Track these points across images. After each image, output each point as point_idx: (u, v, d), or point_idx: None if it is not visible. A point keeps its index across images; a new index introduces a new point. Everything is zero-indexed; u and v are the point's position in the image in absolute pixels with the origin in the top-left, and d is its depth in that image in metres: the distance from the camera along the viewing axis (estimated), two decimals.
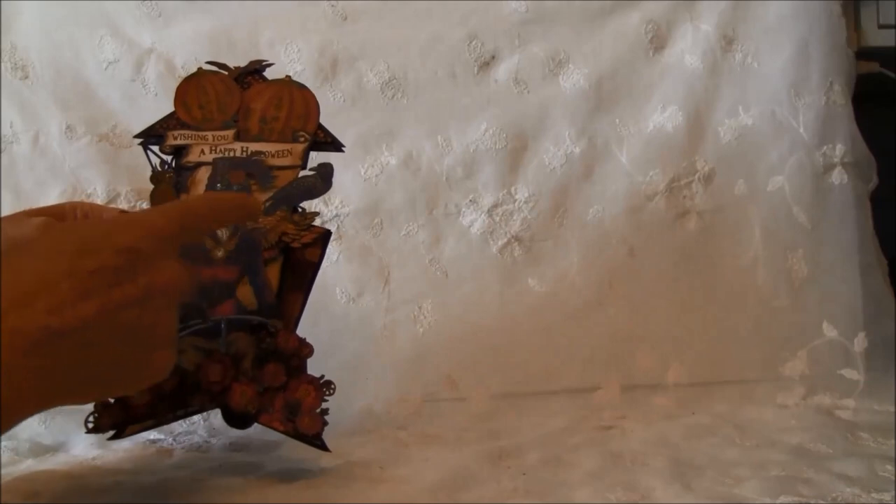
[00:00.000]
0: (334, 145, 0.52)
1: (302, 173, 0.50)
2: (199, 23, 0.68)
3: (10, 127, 0.67)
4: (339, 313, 0.63)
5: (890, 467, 0.46)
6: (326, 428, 0.45)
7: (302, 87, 0.53)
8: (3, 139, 0.67)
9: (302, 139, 0.51)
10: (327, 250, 0.49)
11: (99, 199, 0.66)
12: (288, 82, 0.53)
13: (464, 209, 0.66)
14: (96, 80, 0.68)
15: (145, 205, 0.67)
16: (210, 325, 0.46)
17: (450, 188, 0.66)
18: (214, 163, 0.50)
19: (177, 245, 0.37)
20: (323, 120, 0.54)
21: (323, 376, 0.46)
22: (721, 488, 0.44)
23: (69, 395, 0.34)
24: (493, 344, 0.64)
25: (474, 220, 0.66)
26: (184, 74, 0.67)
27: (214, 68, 0.53)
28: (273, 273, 0.47)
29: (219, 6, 0.68)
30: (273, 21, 0.68)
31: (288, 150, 0.50)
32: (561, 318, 0.65)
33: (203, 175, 0.50)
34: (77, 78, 0.68)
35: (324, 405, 0.45)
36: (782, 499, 0.41)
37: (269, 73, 0.55)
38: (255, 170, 0.50)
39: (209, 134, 0.51)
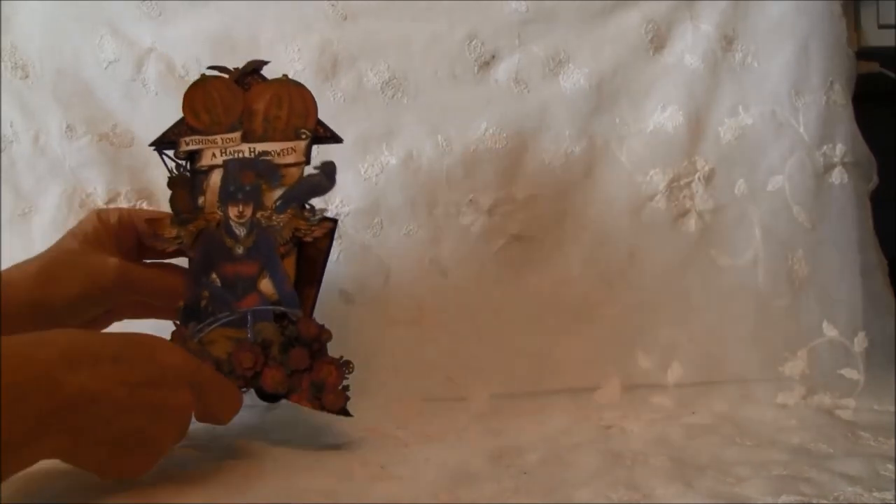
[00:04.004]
0: (334, 139, 0.54)
1: (307, 170, 0.53)
2: (200, 22, 0.68)
3: (11, 126, 0.67)
4: (339, 313, 0.63)
5: (891, 466, 0.46)
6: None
7: (299, 85, 0.54)
8: (3, 139, 0.67)
9: (304, 136, 0.53)
10: None
11: (99, 199, 0.67)
12: (286, 81, 0.55)
13: (464, 209, 0.66)
14: (96, 80, 0.68)
15: (145, 204, 0.67)
16: (237, 317, 0.51)
17: (450, 188, 0.66)
18: (225, 164, 0.53)
19: (189, 383, 0.43)
20: (323, 119, 0.54)
21: (342, 357, 0.50)
22: (722, 487, 0.44)
23: (71, 454, 0.39)
24: (493, 344, 0.64)
25: (474, 220, 0.66)
26: (184, 74, 0.67)
27: (216, 72, 0.55)
28: (289, 265, 0.51)
29: (219, 6, 0.68)
30: (273, 20, 0.68)
31: (292, 148, 0.53)
32: (561, 318, 0.64)
33: (216, 178, 0.53)
34: (77, 77, 0.68)
35: (345, 382, 0.50)
36: (784, 498, 0.41)
37: (266, 70, 0.56)
38: (262, 169, 0.53)
39: (218, 137, 0.54)
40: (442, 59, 0.67)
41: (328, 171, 0.53)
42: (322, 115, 0.54)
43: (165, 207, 0.66)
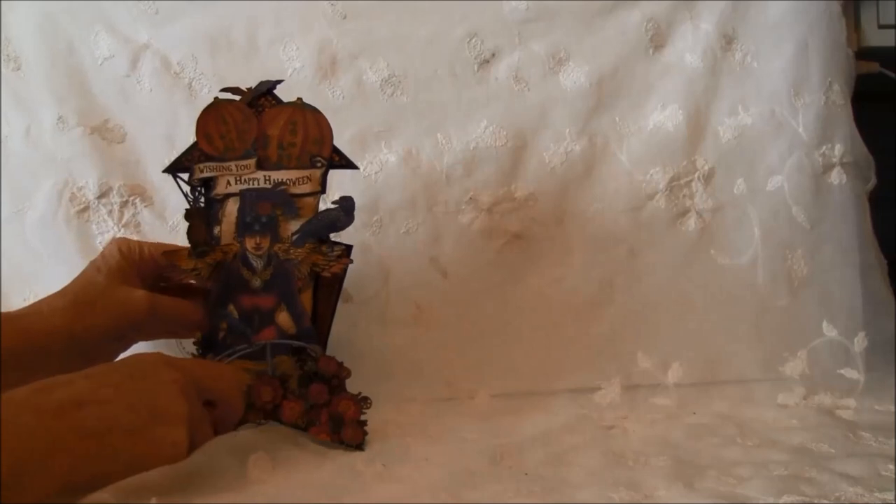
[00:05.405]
0: (349, 165, 0.54)
1: (323, 200, 0.53)
2: (197, 20, 0.67)
3: (6, 121, 0.66)
4: (338, 313, 0.63)
5: (892, 466, 0.46)
6: None
7: (314, 110, 0.54)
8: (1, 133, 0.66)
9: (319, 164, 0.53)
10: None
11: (90, 193, 0.65)
12: (300, 106, 0.54)
13: (463, 207, 0.66)
14: (91, 75, 0.67)
15: (139, 201, 0.66)
16: (255, 349, 0.52)
17: (450, 186, 0.66)
18: (241, 194, 0.53)
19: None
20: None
21: (360, 393, 0.52)
22: (724, 488, 0.44)
23: (85, 472, 0.37)
24: (494, 344, 0.64)
25: (474, 219, 0.66)
26: (179, 71, 0.67)
27: (229, 95, 0.54)
28: (306, 299, 0.52)
29: (217, 4, 0.67)
30: (272, 19, 0.67)
31: (307, 177, 0.53)
32: (561, 318, 0.64)
33: (232, 207, 0.53)
34: (71, 72, 0.67)
35: (362, 417, 0.51)
36: (785, 498, 0.41)
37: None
38: (279, 200, 0.53)
39: (232, 164, 0.53)
40: (442, 57, 0.67)
41: (346, 206, 0.53)
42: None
43: (159, 203, 0.66)
